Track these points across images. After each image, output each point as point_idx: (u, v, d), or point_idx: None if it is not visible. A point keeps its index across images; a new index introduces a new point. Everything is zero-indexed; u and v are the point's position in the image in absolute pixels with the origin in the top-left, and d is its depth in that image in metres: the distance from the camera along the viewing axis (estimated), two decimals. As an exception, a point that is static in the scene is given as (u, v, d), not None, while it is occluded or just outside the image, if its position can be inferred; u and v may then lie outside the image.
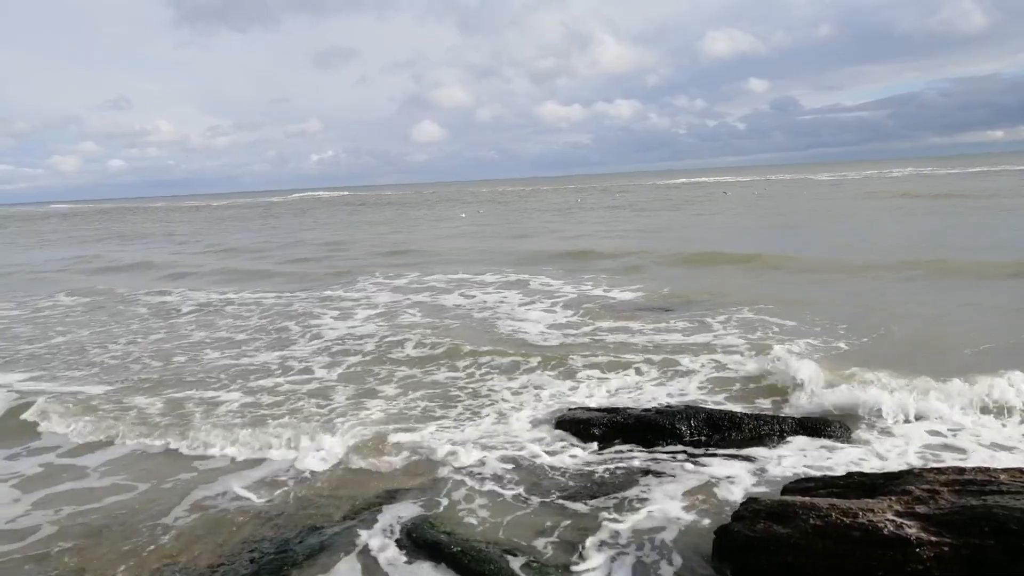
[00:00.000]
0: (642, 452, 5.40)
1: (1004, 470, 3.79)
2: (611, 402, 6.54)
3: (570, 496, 4.76)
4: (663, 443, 5.49)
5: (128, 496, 5.16)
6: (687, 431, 5.53)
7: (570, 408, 6.29)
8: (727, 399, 6.53)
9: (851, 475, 4.26)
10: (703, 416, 5.63)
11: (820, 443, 5.35)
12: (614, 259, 16.33)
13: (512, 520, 4.48)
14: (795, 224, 24.22)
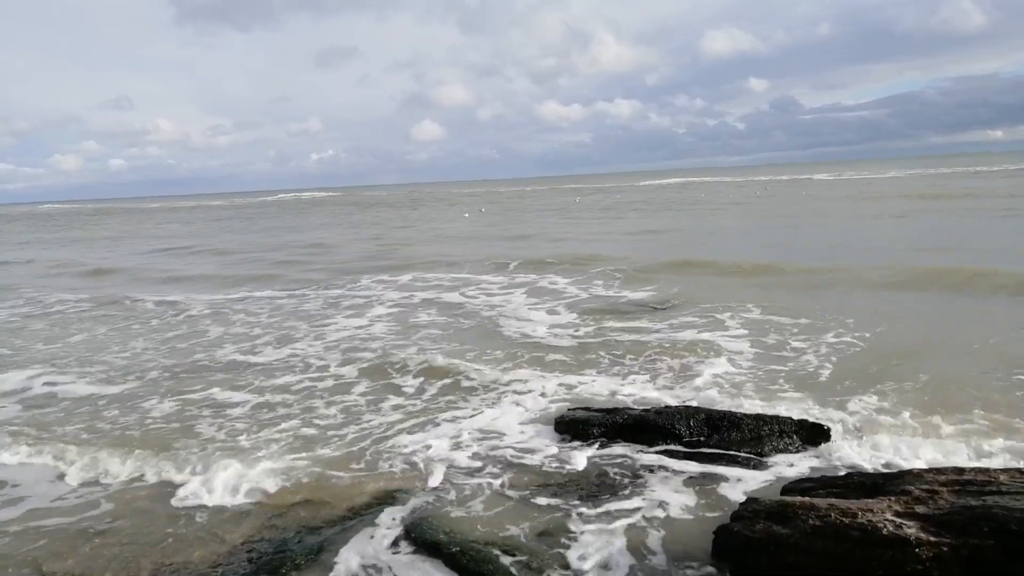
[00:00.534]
0: (641, 452, 5.39)
1: (1004, 470, 3.79)
2: (610, 402, 6.53)
3: (569, 496, 4.75)
4: (662, 443, 5.48)
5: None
6: (686, 431, 5.52)
7: (569, 408, 6.28)
8: (730, 400, 6.51)
9: (850, 475, 4.26)
10: (702, 416, 5.62)
11: (820, 443, 5.33)
12: (614, 261, 16.29)
13: (511, 520, 4.47)
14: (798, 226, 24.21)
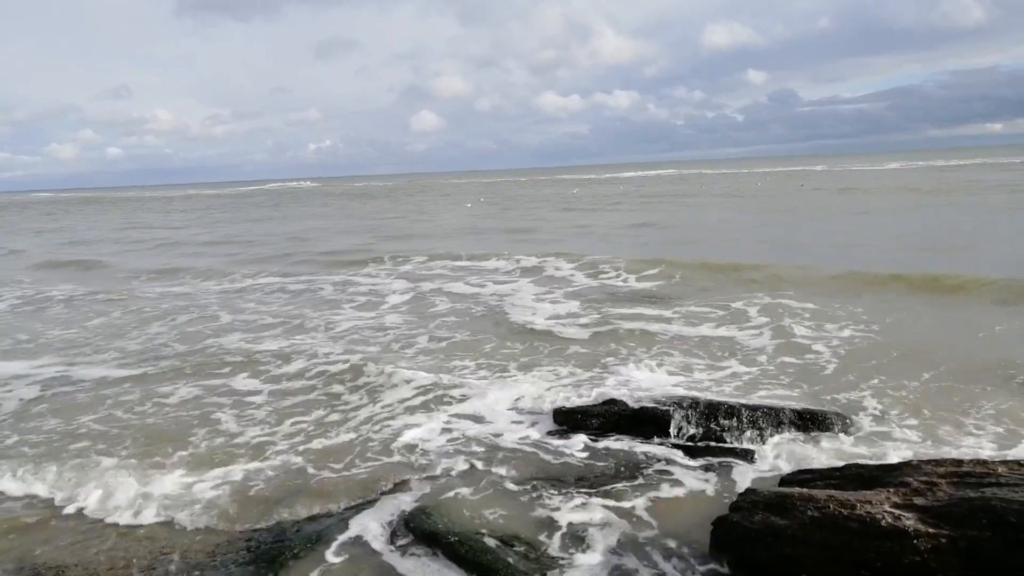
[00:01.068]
0: (640, 443, 5.40)
1: (1002, 462, 3.80)
2: (610, 393, 6.53)
3: (568, 487, 4.75)
4: (660, 434, 5.48)
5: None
6: (684, 422, 5.53)
7: (569, 399, 6.28)
8: (731, 390, 6.52)
9: (849, 467, 4.26)
10: (701, 407, 5.63)
11: (818, 435, 5.35)
12: (613, 252, 16.27)
13: (509, 510, 4.48)
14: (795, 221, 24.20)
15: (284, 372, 7.72)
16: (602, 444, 5.45)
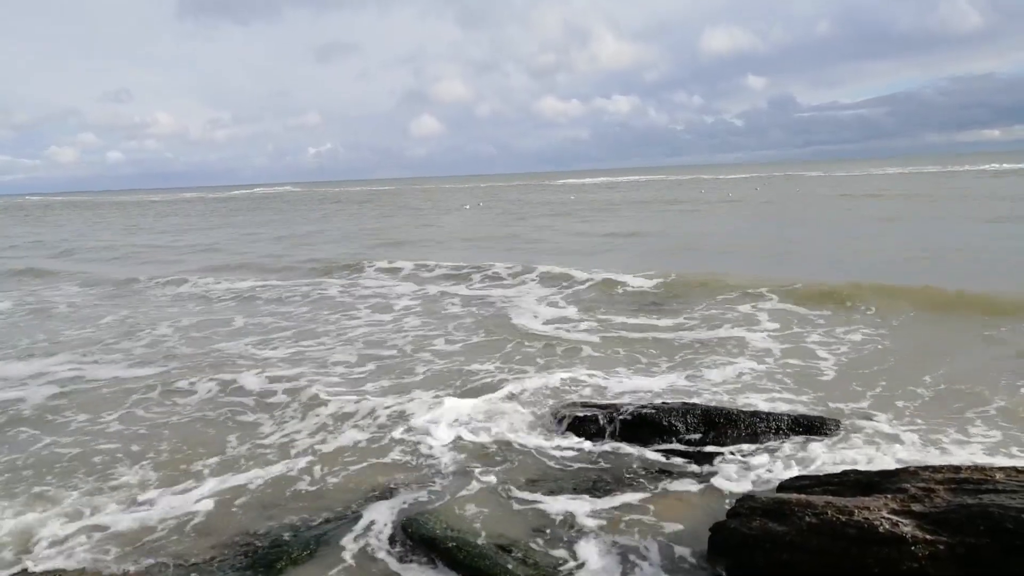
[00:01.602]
0: (639, 448, 5.40)
1: (1000, 469, 3.79)
2: (610, 398, 6.53)
3: (566, 492, 4.75)
4: (659, 439, 5.48)
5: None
6: (683, 427, 5.53)
7: (568, 403, 6.28)
8: (732, 396, 6.52)
9: (847, 473, 4.25)
10: (699, 412, 5.63)
11: (816, 441, 5.35)
12: (617, 256, 16.31)
13: (508, 515, 4.47)
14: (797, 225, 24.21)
15: (279, 375, 7.72)
16: (601, 449, 5.44)
